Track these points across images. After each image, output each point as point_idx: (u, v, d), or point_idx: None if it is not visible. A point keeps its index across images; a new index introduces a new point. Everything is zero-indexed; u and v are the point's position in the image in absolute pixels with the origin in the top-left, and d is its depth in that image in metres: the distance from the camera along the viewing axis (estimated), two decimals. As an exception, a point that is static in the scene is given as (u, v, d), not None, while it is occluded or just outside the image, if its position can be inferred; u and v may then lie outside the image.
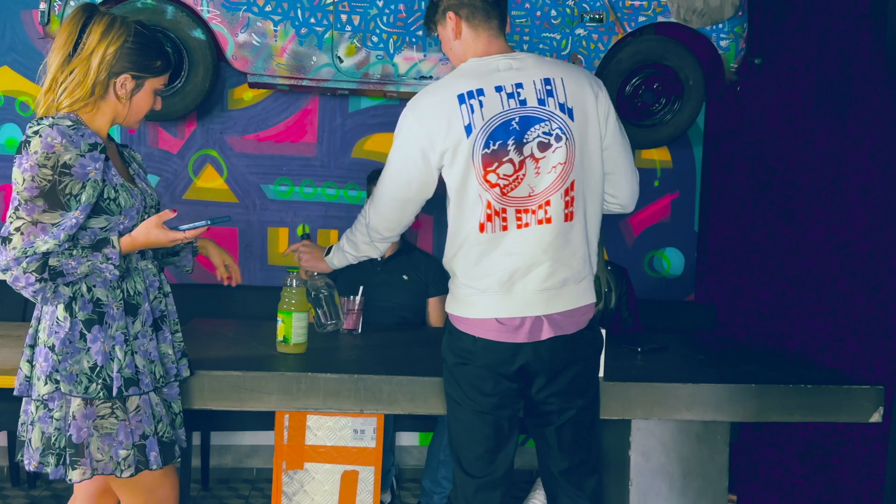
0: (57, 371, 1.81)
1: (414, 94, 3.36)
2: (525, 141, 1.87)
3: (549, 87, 1.89)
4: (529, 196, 1.88)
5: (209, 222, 1.90)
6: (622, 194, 2.05)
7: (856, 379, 2.41)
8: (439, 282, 3.36)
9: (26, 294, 1.78)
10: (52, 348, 1.82)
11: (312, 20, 3.20)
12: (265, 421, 3.19)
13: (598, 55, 3.29)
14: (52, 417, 1.84)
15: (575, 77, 1.93)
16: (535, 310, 1.91)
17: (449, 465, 3.16)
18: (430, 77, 3.29)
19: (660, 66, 3.38)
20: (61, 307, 1.83)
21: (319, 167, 3.65)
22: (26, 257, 1.73)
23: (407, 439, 3.72)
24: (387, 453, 3.14)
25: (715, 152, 3.80)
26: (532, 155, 1.87)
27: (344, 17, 3.22)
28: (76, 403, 1.82)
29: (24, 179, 1.74)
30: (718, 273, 3.73)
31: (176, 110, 3.21)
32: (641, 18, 3.30)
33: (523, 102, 1.88)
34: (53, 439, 1.84)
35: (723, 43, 3.35)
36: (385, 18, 3.23)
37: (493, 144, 1.86)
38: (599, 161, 1.96)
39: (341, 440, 2.58)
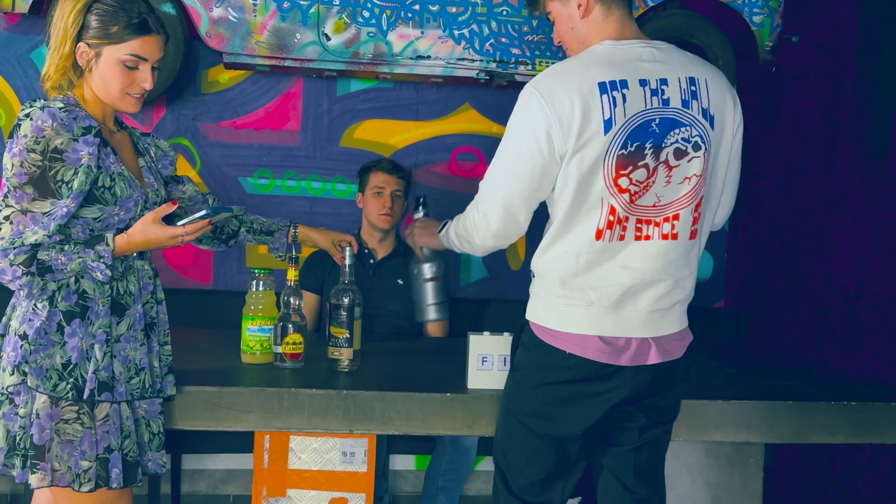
0: (26, 362, 1.85)
1: (410, 75, 3.38)
2: (663, 146, 1.84)
3: (693, 89, 1.86)
4: (654, 206, 1.86)
5: (209, 212, 1.93)
6: (723, 212, 2.06)
7: (905, 395, 2.41)
8: (438, 287, 3.36)
9: (12, 287, 1.84)
10: (23, 336, 1.86)
11: (296, -7, 3.20)
12: (243, 442, 3.19)
13: (617, 32, 3.29)
14: (17, 414, 1.87)
15: (717, 81, 1.92)
16: (643, 331, 1.90)
17: (449, 492, 3.17)
18: (428, 57, 3.28)
19: (685, 45, 3.38)
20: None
21: (304, 158, 3.65)
22: (14, 248, 1.79)
23: (402, 463, 3.72)
24: (379, 478, 3.14)
25: (747, 141, 3.79)
26: (666, 162, 1.85)
27: (331, -10, 3.23)
28: (41, 401, 1.85)
29: (13, 165, 1.80)
30: (751, 277, 3.73)
31: (143, 94, 3.21)
32: (665, -9, 3.31)
33: (666, 102, 1.84)
34: (19, 439, 1.87)
35: (756, 18, 3.35)
36: (377, -9, 3.23)
37: (631, 146, 1.82)
38: (724, 176, 1.97)
39: (328, 464, 2.58)
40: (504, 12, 3.29)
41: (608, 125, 1.80)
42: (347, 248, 2.40)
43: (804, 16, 3.40)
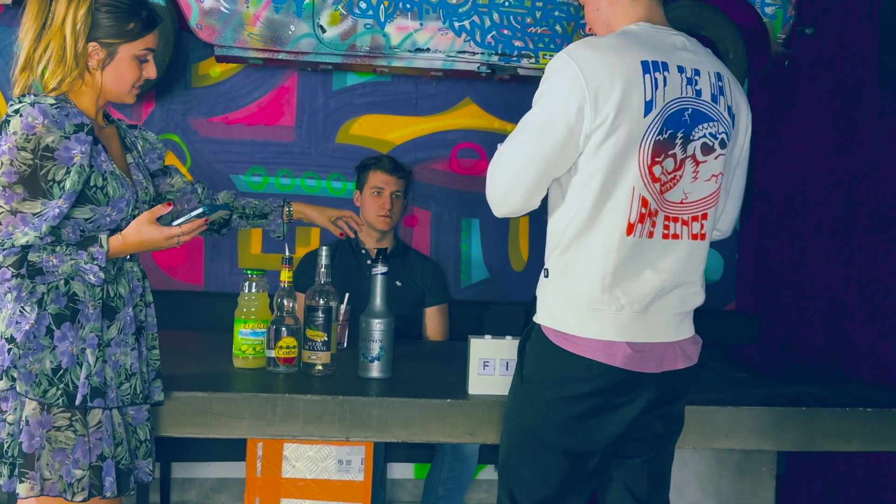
0: (14, 367, 1.85)
1: (409, 68, 3.38)
2: (692, 138, 1.83)
3: (720, 84, 1.87)
4: (682, 203, 1.85)
5: (206, 209, 1.94)
6: (727, 220, 2.05)
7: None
8: (438, 289, 3.36)
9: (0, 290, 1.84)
10: (10, 340, 1.86)
11: (290, -17, 3.20)
12: (235, 450, 3.19)
13: (623, 24, 3.29)
14: (5, 421, 1.87)
15: (735, 81, 1.93)
16: (668, 335, 1.89)
17: (449, 501, 3.16)
18: (427, 49, 3.28)
19: (694, 36, 3.38)
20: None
21: (298, 154, 3.65)
22: (3, 250, 1.79)
23: (400, 471, 3.72)
24: (377, 488, 3.13)
25: (759, 137, 3.79)
26: (694, 156, 1.83)
27: (327, -20, 3.22)
28: (31, 407, 1.85)
29: (1, 164, 1.80)
30: (763, 278, 3.73)
31: (131, 88, 3.21)
32: (673, -19, 3.30)
33: (699, 93, 1.83)
34: (7, 446, 1.87)
35: (768, 9, 3.34)
36: (375, -19, 3.23)
37: (666, 132, 1.80)
38: (731, 179, 1.97)
39: (324, 472, 2.58)
40: (506, 3, 3.29)
41: (649, 107, 1.77)
42: (323, 249, 2.41)
43: (818, 6, 3.39)
